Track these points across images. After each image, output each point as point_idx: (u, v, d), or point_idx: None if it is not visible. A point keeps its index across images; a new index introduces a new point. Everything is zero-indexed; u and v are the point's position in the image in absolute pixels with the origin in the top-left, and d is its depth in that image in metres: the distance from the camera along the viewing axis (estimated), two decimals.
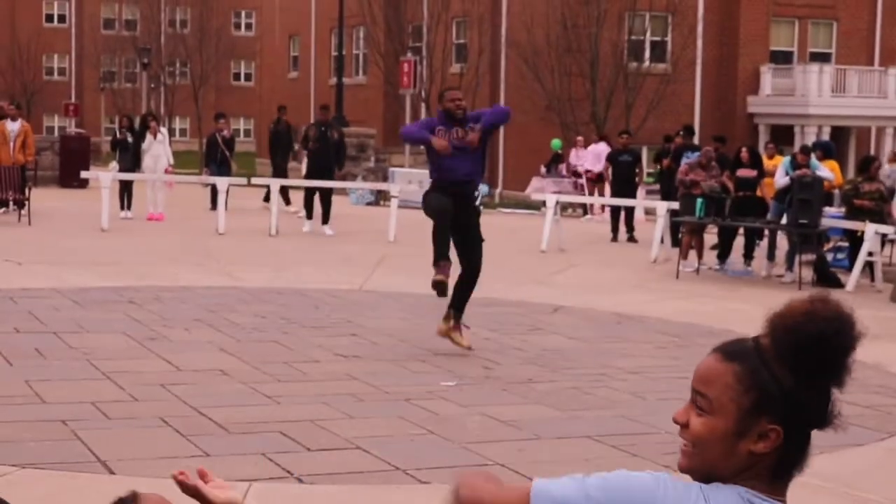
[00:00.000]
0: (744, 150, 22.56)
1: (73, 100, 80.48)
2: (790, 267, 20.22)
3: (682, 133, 27.05)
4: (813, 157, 21.78)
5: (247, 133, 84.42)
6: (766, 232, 21.28)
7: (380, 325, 14.11)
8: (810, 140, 41.94)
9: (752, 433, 2.36)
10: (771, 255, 21.02)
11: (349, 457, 8.48)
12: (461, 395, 10.59)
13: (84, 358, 11.46)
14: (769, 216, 21.27)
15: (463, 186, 12.39)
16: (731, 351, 2.41)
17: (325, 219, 24.81)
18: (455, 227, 12.27)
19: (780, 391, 2.34)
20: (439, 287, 12.15)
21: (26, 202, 25.08)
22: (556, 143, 38.14)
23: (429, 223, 12.54)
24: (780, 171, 21.26)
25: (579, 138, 36.67)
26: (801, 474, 2.44)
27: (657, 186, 28.63)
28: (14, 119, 27.13)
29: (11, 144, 26.48)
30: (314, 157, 25.24)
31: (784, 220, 20.20)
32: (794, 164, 20.97)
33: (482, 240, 12.59)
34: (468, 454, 8.66)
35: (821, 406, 2.39)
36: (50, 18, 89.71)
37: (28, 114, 59.05)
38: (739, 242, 21.85)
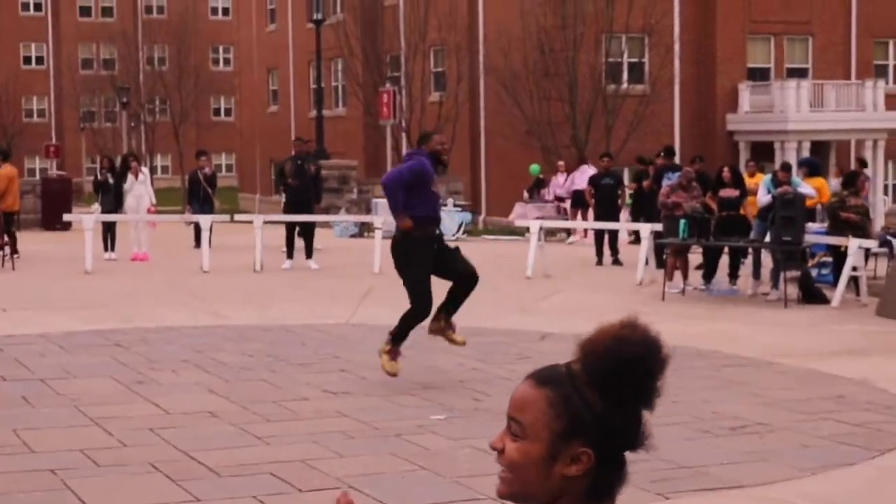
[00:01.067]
0: (726, 169, 22.56)
1: (53, 141, 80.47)
2: (775, 284, 20.25)
3: (662, 154, 27.11)
4: (794, 173, 21.84)
5: (228, 168, 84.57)
6: (751, 250, 21.31)
7: (368, 360, 14.05)
8: (791, 155, 42.12)
9: (564, 457, 2.43)
10: (756, 274, 21.05)
11: None
12: (451, 429, 10.57)
13: (72, 404, 11.43)
14: (752, 234, 21.30)
15: (439, 219, 12.75)
16: (544, 377, 2.49)
17: (309, 253, 24.78)
18: (438, 266, 12.45)
19: (592, 415, 2.41)
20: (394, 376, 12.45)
21: (6, 246, 25.06)
22: (534, 168, 38.11)
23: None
24: (761, 190, 21.31)
25: (560, 163, 36.69)
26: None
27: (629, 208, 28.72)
28: None
29: None
30: (292, 192, 25.17)
31: (767, 238, 20.25)
32: (776, 182, 21.02)
33: (459, 250, 12.80)
34: (460, 489, 8.65)
35: (631, 429, 2.47)
36: (28, 60, 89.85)
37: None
38: (724, 262, 21.88)
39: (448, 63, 48.71)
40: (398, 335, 12.53)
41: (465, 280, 12.58)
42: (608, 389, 2.42)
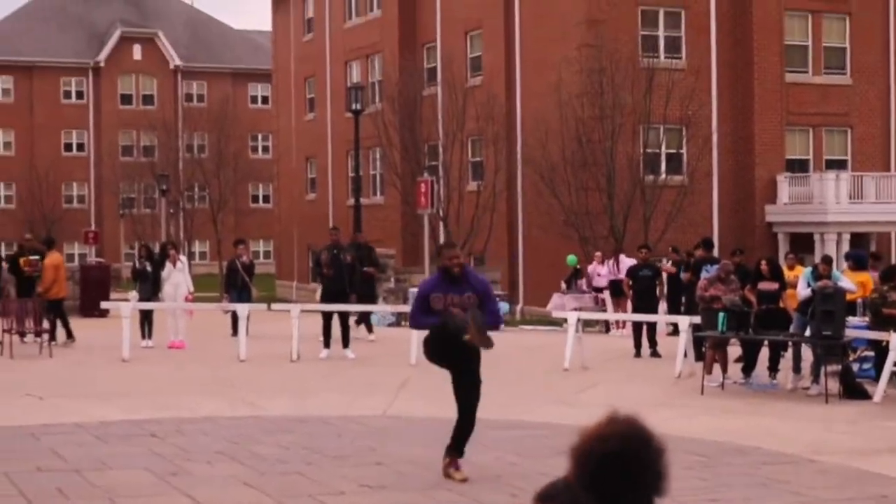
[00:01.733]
0: (764, 262, 22.47)
1: (92, 227, 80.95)
2: (816, 379, 20.05)
3: (701, 246, 27.01)
4: (834, 267, 21.67)
5: (266, 255, 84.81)
6: (791, 344, 21.14)
7: (405, 453, 13.97)
8: (830, 247, 41.96)
9: None
10: (797, 368, 20.85)
11: None
12: None
13: (106, 496, 11.35)
14: (792, 328, 21.13)
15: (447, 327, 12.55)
16: (544, 495, 2.47)
17: (346, 342, 24.72)
18: (456, 365, 12.30)
19: None
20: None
21: (45, 333, 25.30)
22: (571, 258, 38.04)
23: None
24: (801, 283, 21.15)
25: (598, 253, 36.61)
26: None
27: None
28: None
29: None
30: (328, 282, 25.13)
31: (808, 332, 20.08)
32: (816, 275, 20.85)
33: (480, 381, 12.50)
34: None
35: None
36: (69, 147, 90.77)
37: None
38: (764, 355, 21.69)
39: (486, 153, 48.84)
40: (455, 443, 12.50)
41: (464, 410, 12.45)
42: (601, 488, 2.38)
